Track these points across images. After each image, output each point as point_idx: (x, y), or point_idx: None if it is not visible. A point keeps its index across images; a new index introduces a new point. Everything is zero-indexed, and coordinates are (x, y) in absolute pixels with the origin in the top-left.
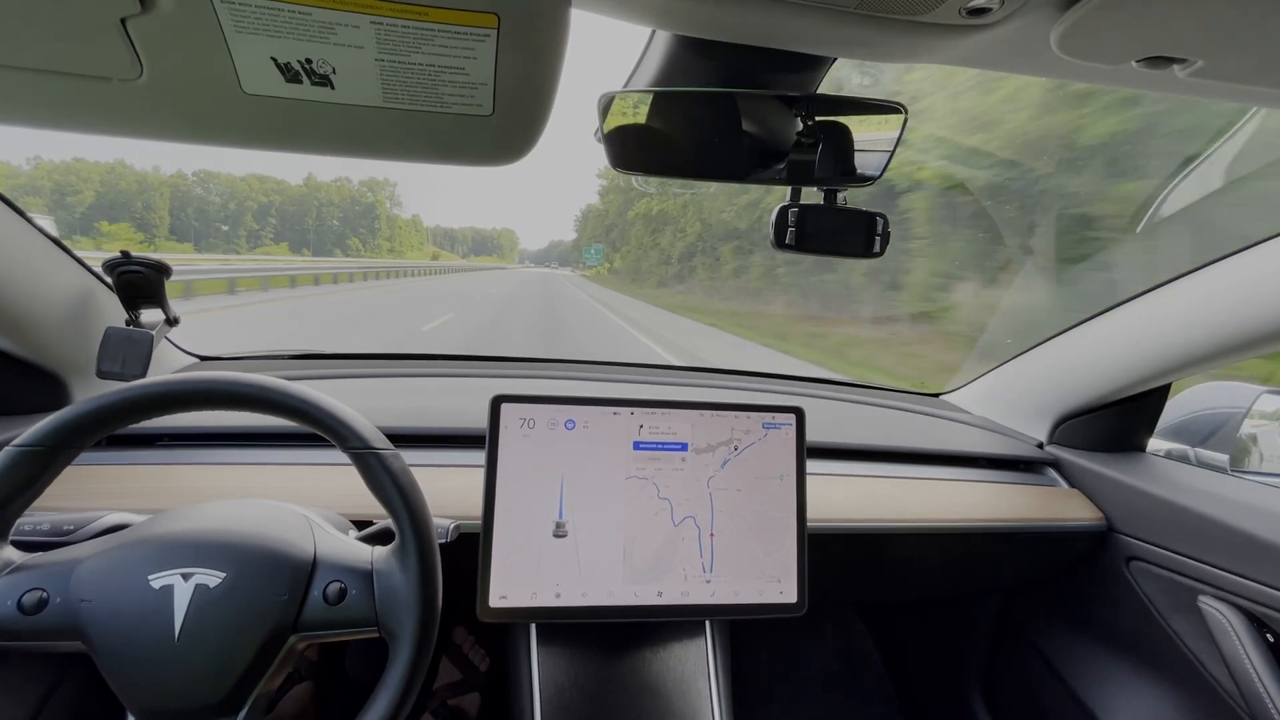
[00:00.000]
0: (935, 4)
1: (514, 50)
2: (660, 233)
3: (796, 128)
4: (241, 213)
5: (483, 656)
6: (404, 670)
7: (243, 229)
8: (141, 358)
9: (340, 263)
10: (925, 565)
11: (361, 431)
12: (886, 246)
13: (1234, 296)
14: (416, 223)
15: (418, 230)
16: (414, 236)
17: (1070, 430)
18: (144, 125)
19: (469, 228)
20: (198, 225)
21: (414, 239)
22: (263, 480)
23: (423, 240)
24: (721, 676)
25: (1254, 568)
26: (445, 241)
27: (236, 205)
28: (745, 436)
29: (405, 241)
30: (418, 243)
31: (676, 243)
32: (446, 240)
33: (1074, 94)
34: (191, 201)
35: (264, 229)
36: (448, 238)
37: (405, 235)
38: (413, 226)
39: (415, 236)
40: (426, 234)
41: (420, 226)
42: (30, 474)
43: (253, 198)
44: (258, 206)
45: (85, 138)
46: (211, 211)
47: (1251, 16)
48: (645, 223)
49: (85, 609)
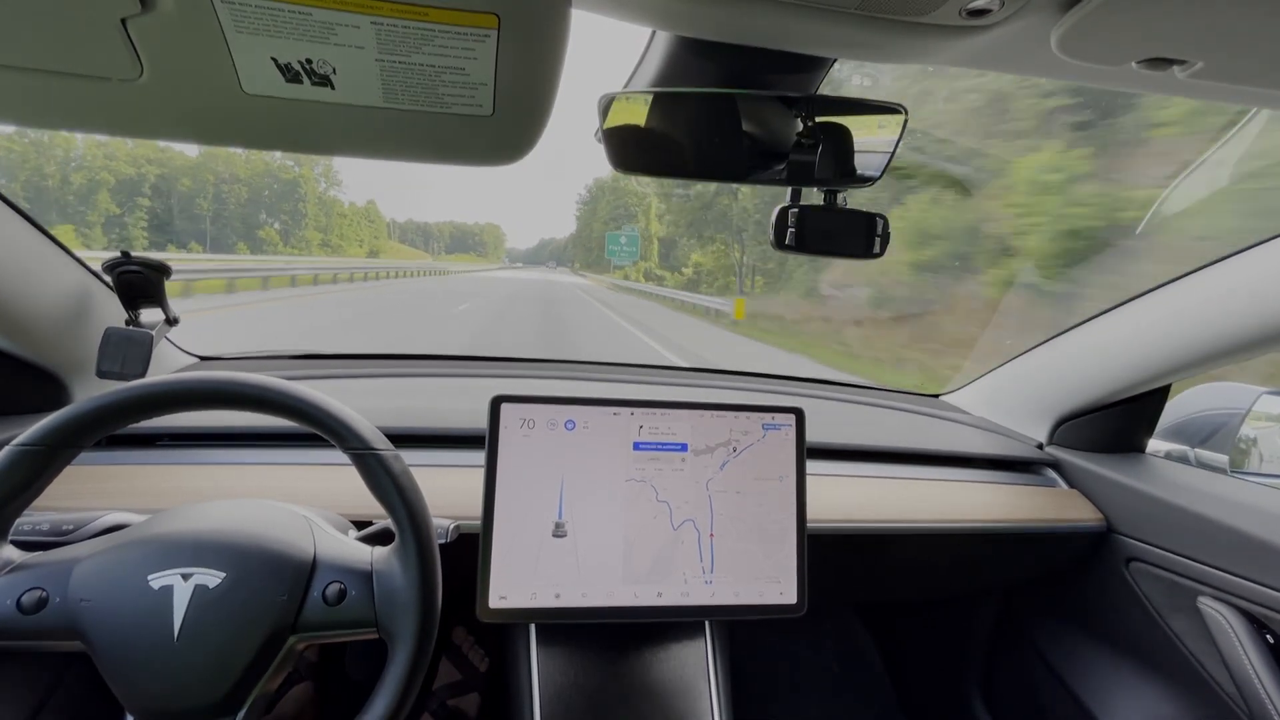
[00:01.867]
0: (936, 5)
1: (514, 50)
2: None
3: (797, 128)
4: (92, 190)
5: (482, 657)
6: (403, 671)
7: (95, 213)
8: (141, 358)
9: (236, 262)
10: (925, 566)
11: (361, 432)
12: (886, 247)
13: (1233, 297)
14: (370, 212)
15: (371, 220)
16: (364, 229)
17: (1070, 431)
18: (144, 125)
19: (448, 222)
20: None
21: (362, 231)
22: (263, 480)
23: (379, 233)
24: (721, 677)
25: (1254, 568)
26: (418, 237)
27: (87, 180)
28: (744, 438)
29: (350, 234)
30: (369, 236)
31: None
32: (420, 236)
33: None
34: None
35: (131, 213)
36: (421, 233)
37: (351, 226)
38: (364, 216)
39: (366, 229)
40: (385, 226)
41: (376, 216)
42: (30, 473)
43: (111, 169)
44: (117, 181)
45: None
46: (49, 187)
47: (1251, 18)
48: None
49: (84, 609)
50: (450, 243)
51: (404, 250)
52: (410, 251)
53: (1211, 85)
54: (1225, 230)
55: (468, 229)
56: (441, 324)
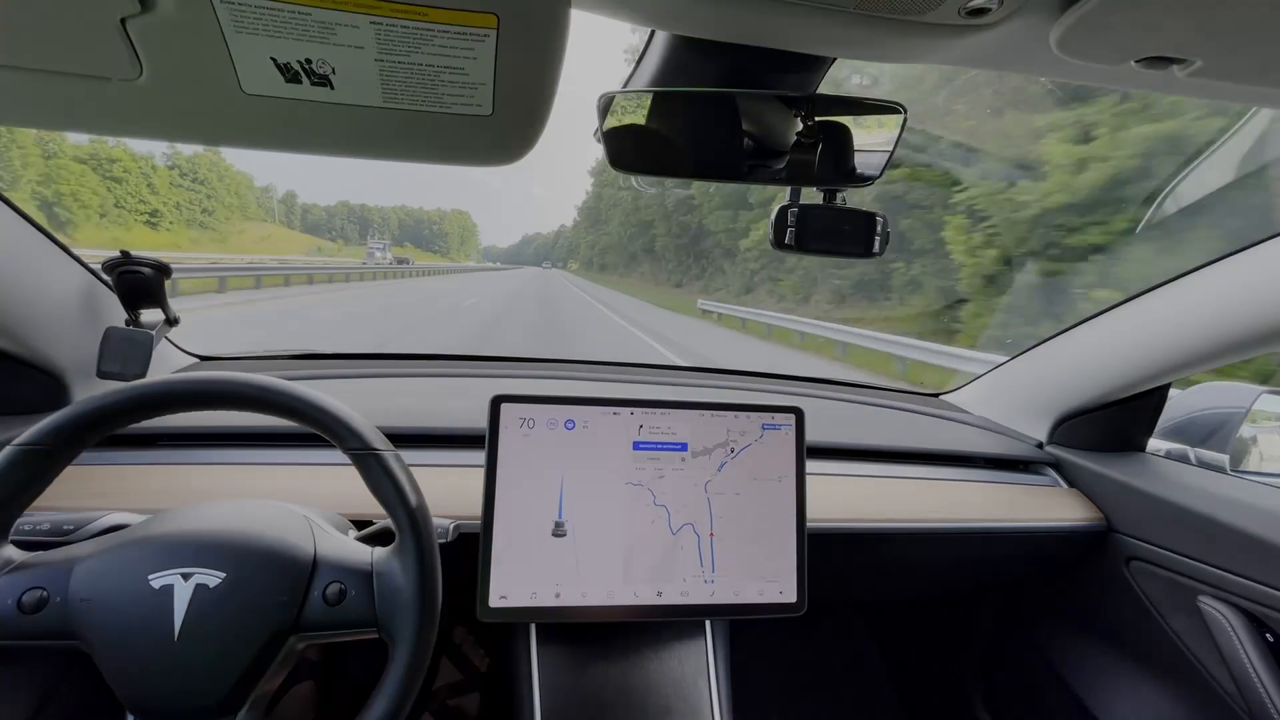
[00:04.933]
0: (935, 4)
1: (514, 50)
2: None
3: (796, 128)
4: None
5: (482, 657)
6: (404, 670)
7: None
8: (142, 358)
9: None
10: (925, 565)
11: (361, 431)
12: (886, 247)
13: (1234, 296)
14: (241, 185)
15: (238, 195)
16: (226, 200)
17: (1070, 430)
18: (144, 125)
19: (398, 207)
20: None
21: (229, 202)
22: (263, 480)
23: (267, 214)
24: (721, 676)
25: (1254, 568)
26: (351, 225)
27: None
28: (741, 438)
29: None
30: (239, 219)
31: None
32: (355, 223)
33: None
34: None
35: None
36: (356, 219)
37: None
38: (231, 191)
39: (231, 202)
40: (277, 209)
41: (243, 191)
42: (30, 473)
43: None
44: None
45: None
46: None
47: (1251, 17)
48: None
49: (85, 609)
50: (399, 233)
51: (301, 242)
52: (308, 243)
53: (1211, 84)
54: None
55: (424, 217)
56: None
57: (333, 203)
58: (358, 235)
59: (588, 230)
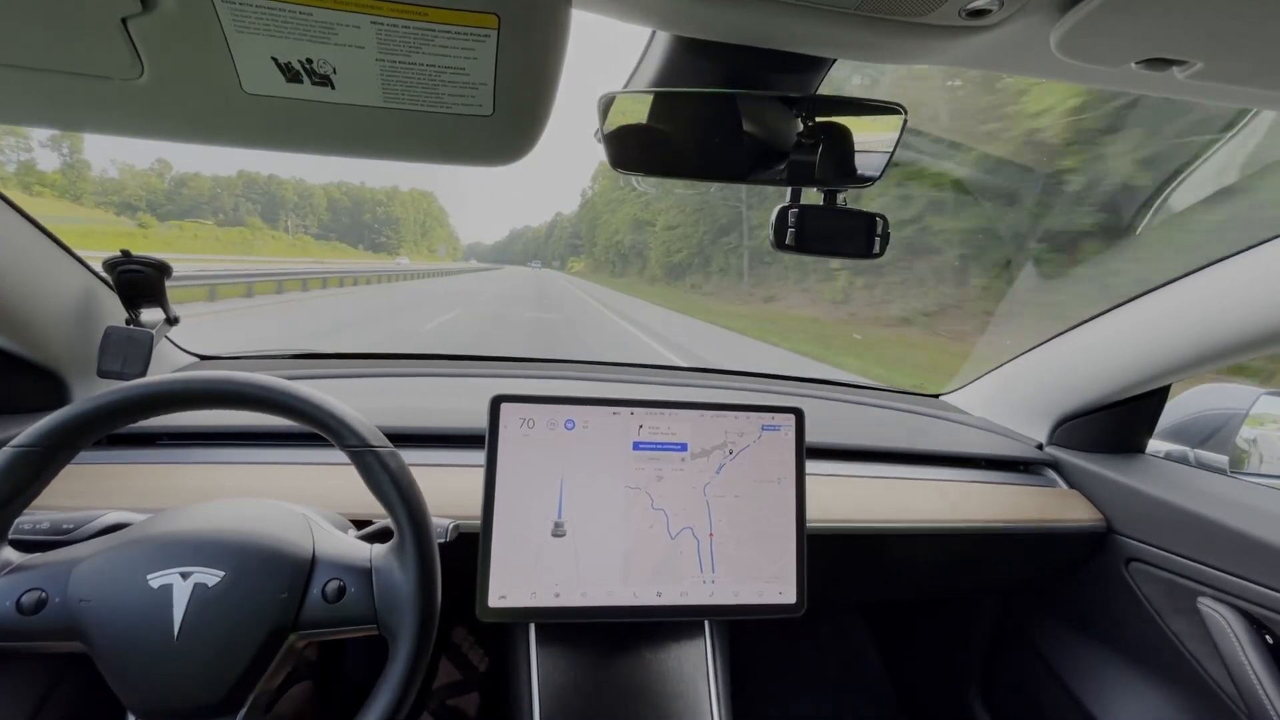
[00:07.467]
0: (935, 5)
1: (514, 50)
2: None
3: (797, 128)
4: None
5: (482, 656)
6: (403, 668)
7: None
8: (141, 357)
9: None
10: (925, 566)
11: (359, 430)
12: (886, 247)
13: (1233, 297)
14: None
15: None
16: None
17: (1070, 431)
18: (144, 125)
19: (336, 184)
20: None
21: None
22: (263, 480)
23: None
24: (721, 677)
25: (1253, 569)
26: (250, 205)
27: None
28: (740, 439)
29: None
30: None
31: None
32: (256, 201)
33: None
34: None
35: None
36: (259, 195)
37: None
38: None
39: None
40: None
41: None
42: (29, 474)
43: None
44: None
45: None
46: None
47: (1251, 18)
48: None
49: (84, 609)
50: (328, 218)
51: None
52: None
53: (1211, 86)
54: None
55: (366, 196)
56: None
57: (232, 173)
58: (261, 217)
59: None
